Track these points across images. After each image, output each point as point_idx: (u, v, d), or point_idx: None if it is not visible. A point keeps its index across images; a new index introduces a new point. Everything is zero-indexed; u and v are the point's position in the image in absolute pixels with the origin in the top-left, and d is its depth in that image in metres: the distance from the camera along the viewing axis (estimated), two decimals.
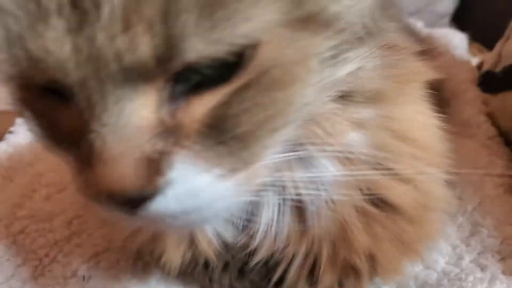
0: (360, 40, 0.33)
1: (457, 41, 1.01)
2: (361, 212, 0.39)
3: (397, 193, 0.39)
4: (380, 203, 0.40)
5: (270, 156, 0.32)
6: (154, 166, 0.27)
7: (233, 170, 0.29)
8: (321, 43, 0.29)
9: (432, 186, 0.42)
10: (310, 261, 0.43)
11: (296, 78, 0.29)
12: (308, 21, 0.28)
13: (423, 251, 0.46)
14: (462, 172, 0.61)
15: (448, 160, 0.44)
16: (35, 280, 0.53)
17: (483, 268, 0.50)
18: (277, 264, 0.44)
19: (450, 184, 0.47)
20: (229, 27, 0.24)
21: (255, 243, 0.41)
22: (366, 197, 0.39)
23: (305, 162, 0.36)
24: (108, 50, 0.24)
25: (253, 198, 0.34)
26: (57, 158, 0.32)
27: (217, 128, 0.28)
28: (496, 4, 1.11)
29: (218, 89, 0.27)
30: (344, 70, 0.33)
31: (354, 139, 0.37)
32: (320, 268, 0.42)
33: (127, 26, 0.24)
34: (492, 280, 0.49)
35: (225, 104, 0.27)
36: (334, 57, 0.31)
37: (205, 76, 0.27)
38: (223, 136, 0.28)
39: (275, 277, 0.45)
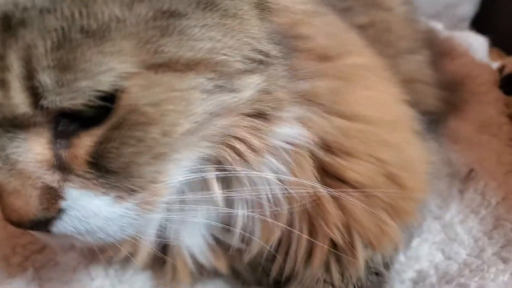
0: (262, 64, 0.37)
1: (477, 44, 1.01)
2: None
3: (353, 170, 0.42)
4: (339, 183, 0.43)
5: (174, 177, 0.36)
6: (52, 195, 0.32)
7: (130, 192, 0.34)
8: (195, 79, 0.33)
9: (394, 153, 0.45)
10: (301, 246, 0.45)
11: (168, 113, 0.32)
12: (170, 64, 0.31)
13: (412, 209, 0.48)
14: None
15: (409, 123, 0.47)
16: None
17: (505, 261, 0.51)
18: (273, 257, 0.47)
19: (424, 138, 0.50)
20: (86, 80, 0.29)
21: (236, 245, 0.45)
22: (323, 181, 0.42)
23: (227, 178, 0.40)
24: None
25: (162, 215, 0.39)
26: None
27: (101, 160, 0.32)
28: None
29: (99, 127, 0.32)
30: (245, 93, 0.36)
31: (289, 139, 0.40)
32: (311, 249, 0.45)
33: (2, 82, 0.28)
34: None
35: (102, 141, 0.32)
36: (220, 86, 0.34)
37: (88, 116, 0.31)
38: (107, 166, 0.32)
39: (275, 268, 0.48)
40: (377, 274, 0.50)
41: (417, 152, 0.48)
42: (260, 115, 0.38)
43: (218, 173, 0.39)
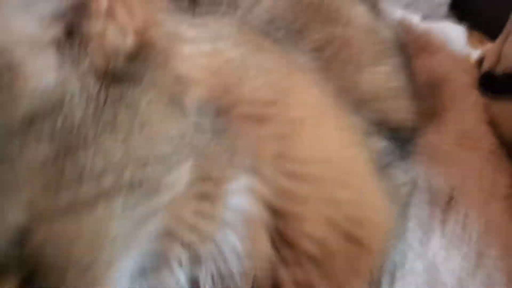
0: (192, 153, 0.34)
1: (455, 35, 0.96)
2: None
3: (307, 237, 0.40)
4: (295, 250, 0.41)
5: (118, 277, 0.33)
6: None
7: None
8: (106, 209, 0.29)
9: (347, 210, 0.43)
10: None
11: (82, 253, 0.29)
12: (74, 205, 0.28)
13: (373, 265, 0.47)
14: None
15: (363, 167, 0.46)
16: None
17: None
18: None
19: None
20: None
21: None
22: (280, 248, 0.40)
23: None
24: None
25: None
26: None
27: None
28: None
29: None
30: (177, 188, 0.33)
31: (238, 213, 0.38)
32: None
33: None
34: None
35: None
36: (142, 198, 0.31)
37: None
38: None
39: None
40: None
41: (374, 200, 0.47)
42: (202, 198, 0.36)
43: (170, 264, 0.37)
